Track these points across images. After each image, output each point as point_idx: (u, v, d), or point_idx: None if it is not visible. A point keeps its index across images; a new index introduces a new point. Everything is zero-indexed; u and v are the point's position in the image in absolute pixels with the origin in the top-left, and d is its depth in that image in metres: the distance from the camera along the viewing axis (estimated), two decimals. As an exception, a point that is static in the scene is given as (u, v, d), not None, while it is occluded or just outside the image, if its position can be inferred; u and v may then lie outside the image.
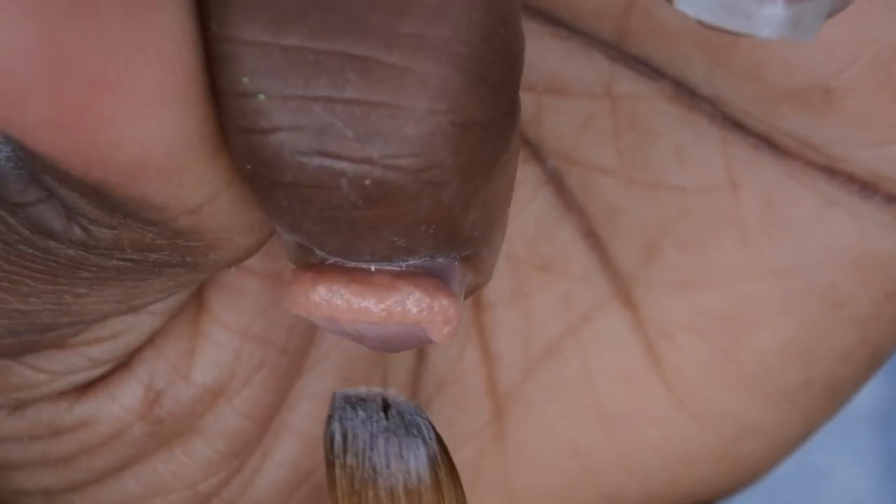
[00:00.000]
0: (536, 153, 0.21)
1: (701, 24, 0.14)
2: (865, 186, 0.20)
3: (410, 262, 0.15)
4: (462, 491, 0.17)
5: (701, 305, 0.21)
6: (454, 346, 0.22)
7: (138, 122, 0.13)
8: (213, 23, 0.13)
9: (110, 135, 0.13)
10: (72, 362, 0.19)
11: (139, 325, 0.19)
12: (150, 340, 0.20)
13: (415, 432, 0.16)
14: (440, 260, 0.15)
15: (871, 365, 0.22)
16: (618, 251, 0.21)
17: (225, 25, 0.13)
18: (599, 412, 0.22)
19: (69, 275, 0.16)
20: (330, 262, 0.15)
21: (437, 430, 0.17)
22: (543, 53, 0.20)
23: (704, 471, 0.22)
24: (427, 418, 0.16)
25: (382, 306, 0.15)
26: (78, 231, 0.15)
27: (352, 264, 0.15)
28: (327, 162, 0.13)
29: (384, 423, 0.16)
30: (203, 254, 0.15)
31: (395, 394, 0.16)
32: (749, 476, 0.22)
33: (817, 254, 0.20)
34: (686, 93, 0.20)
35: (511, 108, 0.14)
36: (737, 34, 0.14)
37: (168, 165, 0.14)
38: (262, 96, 0.13)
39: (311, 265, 0.16)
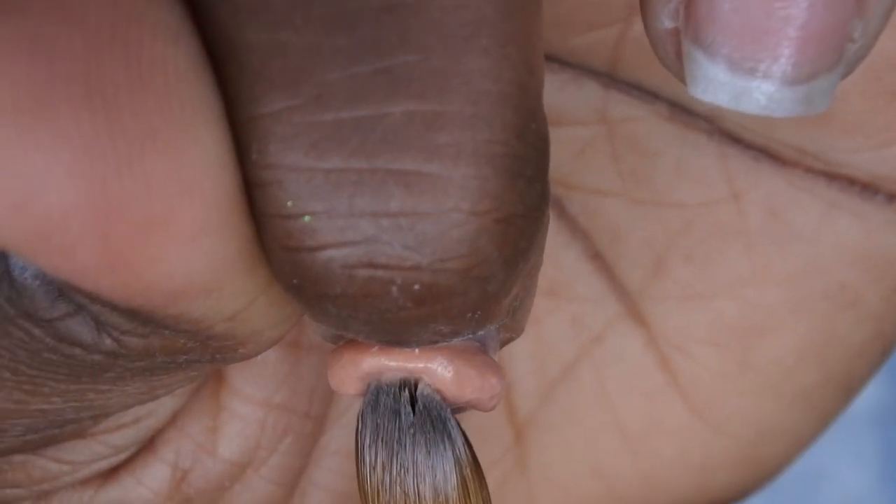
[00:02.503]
0: None
1: (716, 106, 0.15)
2: (866, 188, 0.20)
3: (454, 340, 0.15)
4: (487, 490, 0.17)
5: (713, 316, 0.21)
6: None
7: (183, 254, 0.13)
8: (253, 152, 0.13)
9: (156, 270, 0.13)
10: (94, 451, 0.19)
11: (160, 407, 0.19)
12: (172, 420, 0.20)
13: (441, 429, 0.16)
14: (479, 333, 0.15)
15: (882, 357, 0.22)
16: (625, 270, 0.22)
17: (265, 154, 0.13)
18: (618, 430, 0.22)
19: (94, 376, 0.16)
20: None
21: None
22: None
23: (726, 477, 0.22)
24: (453, 416, 0.16)
25: (438, 382, 0.16)
26: (108, 342, 0.15)
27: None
28: (378, 273, 0.14)
29: (412, 418, 0.16)
30: (233, 350, 0.15)
31: (424, 386, 0.16)
32: (768, 476, 0.23)
33: (824, 256, 0.20)
34: (682, 111, 0.20)
35: (544, 191, 0.15)
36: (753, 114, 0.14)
37: (210, 286, 0.14)
38: (307, 217, 0.13)
39: (351, 344, 0.16)
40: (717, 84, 0.14)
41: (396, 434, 0.16)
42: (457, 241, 0.14)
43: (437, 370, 0.16)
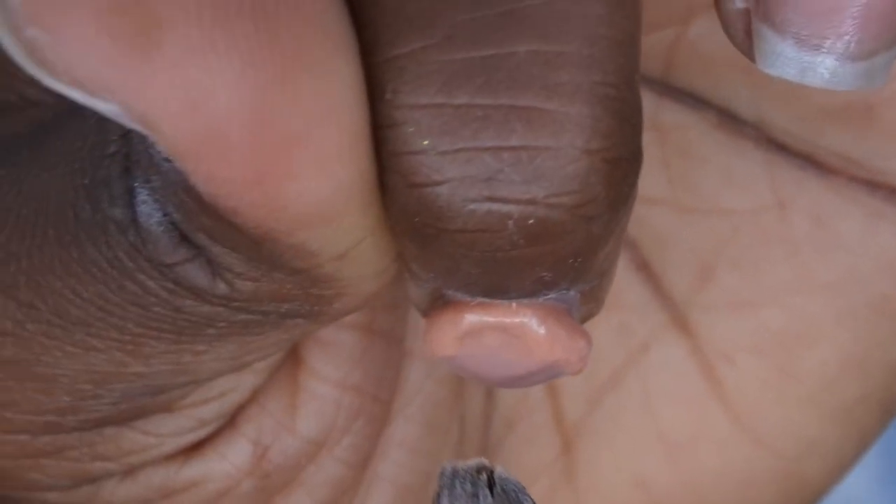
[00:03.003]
0: None
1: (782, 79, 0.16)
2: None
3: (547, 297, 0.16)
4: None
5: (757, 324, 0.22)
6: None
7: (317, 175, 0.14)
8: (388, 91, 0.15)
9: (293, 187, 0.14)
10: (180, 424, 0.20)
11: (242, 383, 0.20)
12: (253, 398, 0.20)
13: None
14: (571, 293, 0.16)
15: None
16: (672, 279, 0.22)
17: (400, 93, 0.15)
18: (662, 440, 0.22)
19: (194, 332, 0.17)
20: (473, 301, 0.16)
21: (511, 468, 0.18)
22: None
23: (769, 494, 0.22)
24: (531, 497, 0.17)
25: (528, 342, 0.16)
26: (222, 286, 0.16)
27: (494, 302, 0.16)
28: (495, 206, 0.15)
29: (490, 500, 0.17)
30: (329, 302, 0.16)
31: (501, 470, 0.17)
32: (810, 498, 0.23)
33: (867, 266, 0.21)
34: (730, 119, 0.21)
35: (640, 147, 0.16)
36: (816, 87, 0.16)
37: (333, 214, 0.15)
38: (434, 153, 0.15)
39: (448, 304, 0.17)
40: (784, 59, 0.15)
41: None
42: (570, 176, 0.15)
43: (532, 326, 0.16)
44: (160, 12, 0.13)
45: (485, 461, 0.17)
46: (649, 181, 0.22)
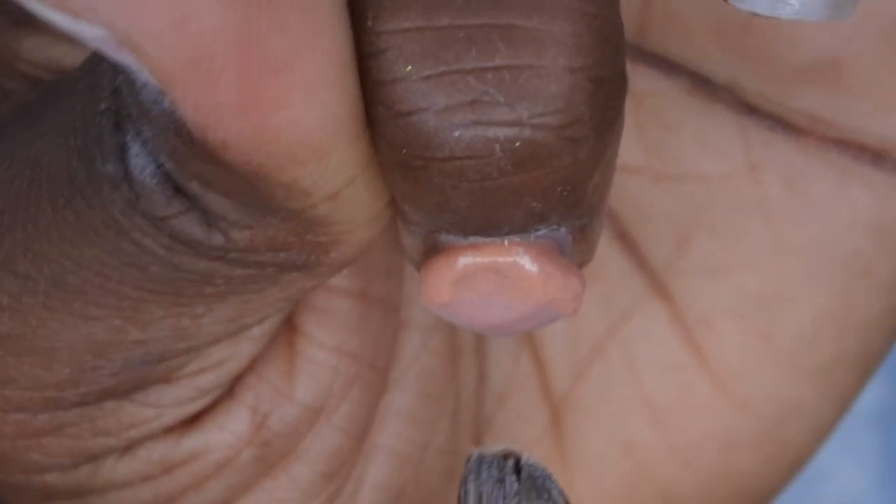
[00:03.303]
0: None
1: (753, 14, 0.16)
2: (877, 155, 0.21)
3: (538, 234, 0.16)
4: None
5: (735, 288, 0.22)
6: (509, 357, 0.23)
7: (305, 103, 0.14)
8: (369, 19, 0.15)
9: (282, 115, 0.14)
10: (179, 395, 0.20)
11: (240, 351, 0.20)
12: (251, 366, 0.20)
13: (546, 497, 0.17)
14: (562, 231, 0.16)
15: (893, 335, 0.23)
16: (650, 248, 0.22)
17: (380, 19, 0.15)
18: (647, 406, 0.23)
19: (193, 292, 0.17)
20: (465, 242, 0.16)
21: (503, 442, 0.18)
22: None
23: (752, 458, 0.23)
24: (557, 483, 0.17)
25: (521, 282, 0.17)
26: (218, 236, 0.16)
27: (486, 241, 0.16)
28: (481, 130, 0.15)
29: (516, 486, 0.17)
30: (326, 251, 0.17)
31: (528, 456, 0.17)
32: (793, 463, 0.23)
33: (839, 225, 0.21)
34: (703, 83, 0.21)
35: (624, 72, 0.16)
36: (784, 21, 0.16)
37: (323, 146, 0.15)
38: (417, 78, 0.15)
39: (441, 250, 0.17)
40: None
41: (501, 502, 0.17)
42: (554, 95, 0.15)
43: (525, 265, 0.16)
44: None
45: (512, 447, 0.17)
46: (626, 149, 0.22)
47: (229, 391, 0.20)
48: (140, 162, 0.16)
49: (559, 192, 0.16)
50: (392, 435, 0.22)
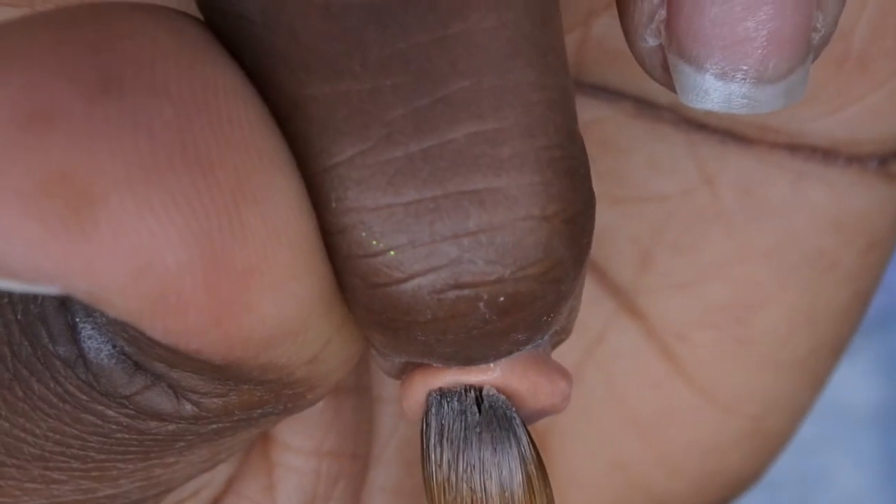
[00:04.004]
0: None
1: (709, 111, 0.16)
2: (827, 154, 0.21)
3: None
4: (550, 488, 0.17)
5: (705, 300, 0.22)
6: None
7: (276, 299, 0.14)
8: (332, 200, 0.14)
9: (253, 318, 0.14)
10: None
11: (216, 477, 0.20)
12: (229, 486, 0.20)
13: (507, 427, 0.17)
14: (544, 339, 0.16)
15: (862, 315, 0.23)
16: (616, 269, 0.22)
17: (344, 200, 0.14)
18: (632, 422, 0.23)
19: (162, 450, 0.16)
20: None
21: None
22: None
23: (738, 455, 0.23)
24: (519, 414, 0.17)
25: (514, 395, 0.17)
26: (188, 407, 0.16)
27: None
28: (464, 292, 0.14)
29: (478, 417, 0.17)
30: (303, 397, 0.16)
31: (489, 388, 0.17)
32: (775, 450, 0.23)
33: (799, 225, 0.22)
34: (647, 106, 0.21)
35: (591, 185, 0.15)
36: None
37: (297, 329, 0.14)
38: (392, 252, 0.14)
39: (421, 366, 0.16)
40: (706, 92, 0.15)
41: (463, 433, 0.17)
42: (533, 246, 0.14)
43: (513, 384, 0.16)
44: (89, 187, 0.13)
45: (472, 382, 0.17)
46: None
47: None
48: (95, 343, 0.15)
49: (543, 321, 0.15)
50: None
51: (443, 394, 0.17)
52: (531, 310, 0.15)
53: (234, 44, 0.14)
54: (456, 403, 0.17)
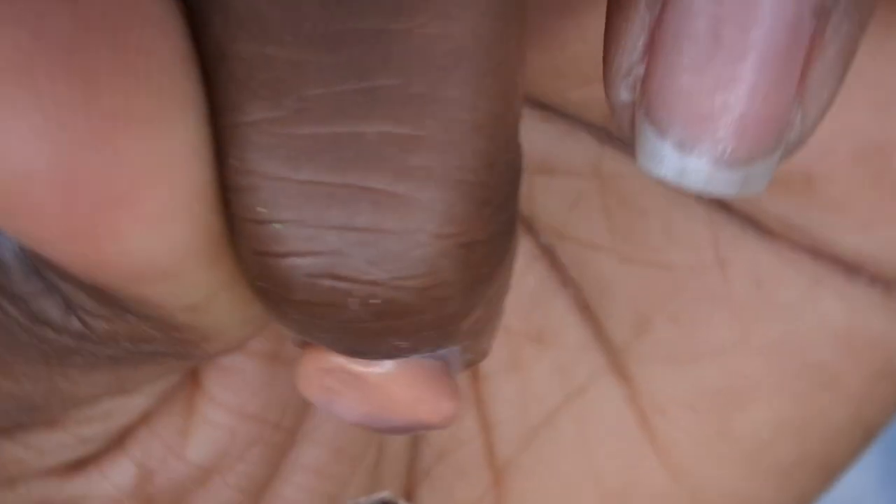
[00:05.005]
0: (530, 228, 0.22)
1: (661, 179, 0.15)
2: (850, 268, 0.20)
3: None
4: None
5: (694, 380, 0.21)
6: None
7: (144, 234, 0.14)
8: (232, 157, 0.14)
9: (117, 246, 0.14)
10: (61, 441, 0.19)
11: (131, 404, 0.20)
12: (144, 419, 0.20)
13: None
14: (444, 351, 0.16)
15: (864, 442, 0.22)
16: (611, 325, 0.22)
17: (243, 160, 0.14)
18: (597, 484, 0.22)
19: (62, 361, 0.16)
20: None
21: (439, 498, 0.17)
22: (534, 136, 0.21)
23: None
24: None
25: (391, 407, 0.16)
26: (76, 322, 0.16)
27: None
28: (338, 284, 0.14)
29: None
30: (196, 345, 0.16)
31: (402, 502, 0.17)
32: None
33: (807, 333, 0.21)
34: None
35: (511, 219, 0.15)
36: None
37: (168, 271, 0.14)
38: (277, 225, 0.14)
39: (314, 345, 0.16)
40: (663, 159, 0.15)
41: None
42: (417, 260, 0.14)
43: (394, 388, 0.16)
44: None
45: (388, 494, 0.17)
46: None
47: (119, 442, 0.20)
48: (2, 239, 0.15)
49: (426, 335, 0.15)
50: (297, 487, 0.21)
51: None
52: (408, 321, 0.14)
53: None
54: None
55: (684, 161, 0.15)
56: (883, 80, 0.18)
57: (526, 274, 0.22)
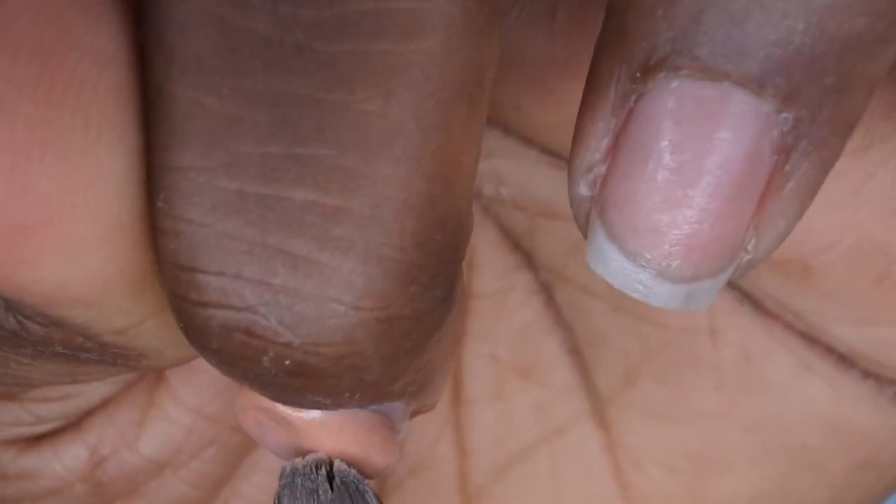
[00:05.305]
0: (530, 262, 0.22)
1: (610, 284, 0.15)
2: (843, 359, 0.20)
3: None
4: None
5: (674, 441, 0.21)
6: (429, 435, 0.22)
7: (57, 264, 0.14)
8: (159, 199, 0.14)
9: (30, 273, 0.14)
10: (18, 416, 0.20)
11: (89, 390, 0.20)
12: (103, 405, 0.20)
13: (360, 500, 0.17)
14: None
15: None
16: (599, 372, 0.21)
17: (169, 203, 0.14)
18: None
19: (11, 347, 0.16)
20: None
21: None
22: (539, 179, 0.21)
23: None
24: (371, 488, 0.17)
25: (323, 447, 0.16)
26: (12, 321, 0.15)
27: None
28: (251, 341, 0.14)
29: (330, 494, 0.16)
30: (134, 360, 0.16)
31: (339, 463, 0.17)
32: None
33: (791, 414, 0.20)
34: None
35: (445, 295, 0.15)
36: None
37: (88, 299, 0.14)
38: (197, 273, 0.14)
39: None
40: (609, 262, 0.15)
41: None
42: (332, 329, 0.14)
43: (322, 435, 0.16)
44: None
45: (322, 455, 0.17)
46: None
47: (77, 424, 0.20)
48: None
49: (347, 397, 0.15)
50: (257, 486, 0.22)
51: (294, 472, 0.16)
52: (325, 383, 0.14)
53: (142, 7, 0.14)
54: (308, 482, 0.16)
55: (628, 268, 0.14)
56: (893, 186, 0.18)
57: (522, 306, 0.22)
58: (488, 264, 0.22)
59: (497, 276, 0.22)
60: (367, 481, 0.17)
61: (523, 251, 0.21)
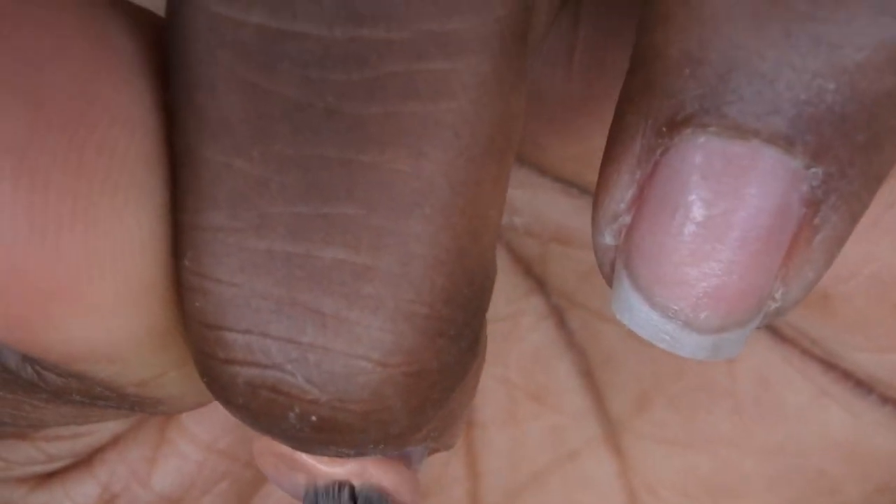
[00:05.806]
0: (541, 287, 0.21)
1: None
2: (860, 385, 0.20)
3: None
4: None
5: (686, 466, 0.21)
6: (441, 458, 0.22)
7: (83, 325, 0.14)
8: (187, 257, 0.14)
9: (56, 335, 0.14)
10: (29, 454, 0.20)
11: (101, 428, 0.20)
12: (114, 442, 0.20)
13: None
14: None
15: None
16: (612, 397, 0.21)
17: (197, 262, 0.14)
18: None
19: (26, 392, 0.16)
20: None
21: None
22: (552, 207, 0.21)
23: None
24: None
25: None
26: (30, 370, 0.15)
27: None
28: (277, 398, 0.14)
29: None
30: (152, 406, 0.16)
31: (361, 483, 0.17)
32: None
33: (809, 440, 0.20)
34: None
35: (471, 345, 0.15)
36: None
37: (112, 357, 0.14)
38: (223, 332, 0.14)
39: None
40: (635, 311, 0.15)
41: None
42: (360, 386, 0.14)
43: (340, 478, 0.16)
44: None
45: (346, 479, 0.17)
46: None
47: (87, 461, 0.20)
48: None
49: (372, 448, 0.15)
50: None
51: (317, 491, 0.16)
52: (350, 437, 0.14)
53: (171, 63, 0.14)
54: (331, 502, 0.16)
55: (654, 318, 0.14)
56: None
57: (533, 330, 0.22)
58: (500, 289, 0.22)
59: (509, 300, 0.22)
60: (388, 499, 0.17)
61: (535, 276, 0.21)
